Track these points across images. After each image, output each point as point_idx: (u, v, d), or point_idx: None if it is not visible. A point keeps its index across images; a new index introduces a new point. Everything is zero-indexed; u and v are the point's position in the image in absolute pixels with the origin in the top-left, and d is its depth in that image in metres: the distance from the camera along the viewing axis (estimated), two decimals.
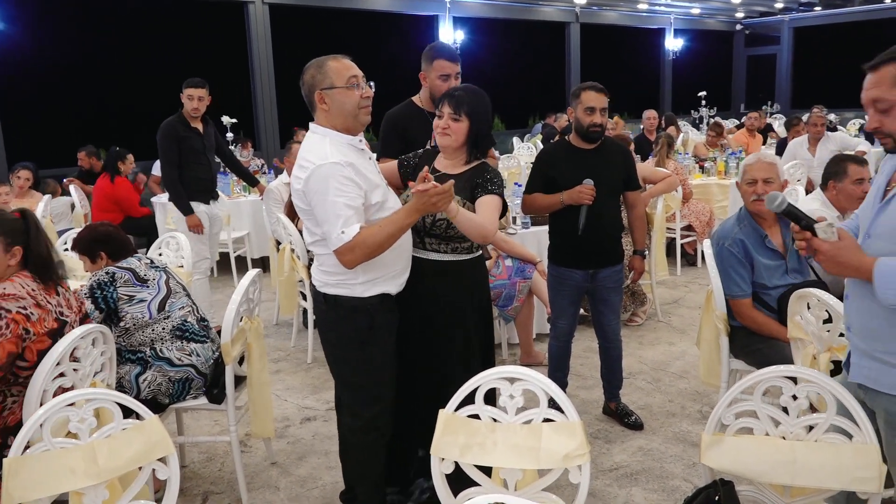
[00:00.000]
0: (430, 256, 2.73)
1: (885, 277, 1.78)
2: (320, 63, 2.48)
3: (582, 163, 3.46)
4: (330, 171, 2.36)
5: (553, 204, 3.48)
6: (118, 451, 1.93)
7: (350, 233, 2.34)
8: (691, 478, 3.26)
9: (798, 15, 18.25)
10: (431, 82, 3.28)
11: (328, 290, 2.58)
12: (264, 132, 10.47)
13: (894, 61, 1.84)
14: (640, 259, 3.85)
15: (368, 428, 2.67)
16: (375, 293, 2.56)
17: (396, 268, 2.61)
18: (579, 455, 1.89)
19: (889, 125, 1.86)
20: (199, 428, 3.97)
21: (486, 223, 2.58)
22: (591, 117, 3.41)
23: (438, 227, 2.66)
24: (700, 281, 6.49)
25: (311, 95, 2.49)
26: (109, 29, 10.61)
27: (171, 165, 5.16)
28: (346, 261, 2.40)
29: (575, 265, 3.56)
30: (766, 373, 1.97)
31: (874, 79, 1.86)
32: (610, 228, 3.58)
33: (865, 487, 1.79)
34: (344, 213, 2.35)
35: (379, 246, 2.39)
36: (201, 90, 5.17)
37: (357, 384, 2.66)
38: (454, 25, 12.87)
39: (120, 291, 3.03)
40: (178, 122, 5.16)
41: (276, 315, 5.78)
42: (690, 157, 8.21)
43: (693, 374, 4.36)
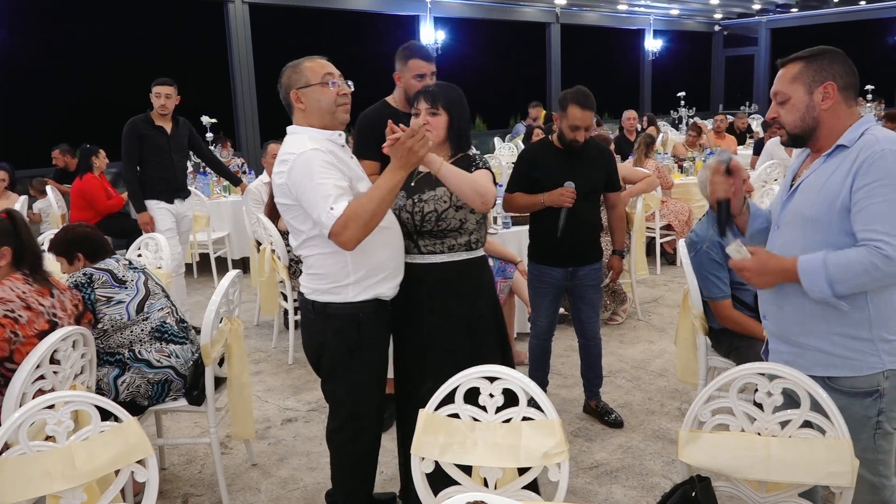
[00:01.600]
0: (427, 260, 2.63)
1: (809, 275, 1.88)
2: (296, 64, 2.48)
3: (563, 163, 3.49)
4: (312, 156, 2.33)
5: (534, 204, 3.51)
6: (96, 454, 1.91)
7: (340, 207, 2.27)
8: (670, 474, 3.29)
9: (775, 16, 18.45)
10: (406, 82, 3.23)
11: (317, 298, 2.51)
12: (244, 132, 10.41)
13: (799, 61, 2.03)
14: (619, 258, 3.88)
15: (354, 439, 2.63)
16: (368, 297, 2.49)
17: (389, 268, 2.53)
18: (558, 453, 1.90)
19: (784, 116, 2.05)
20: (179, 430, 3.95)
21: (479, 178, 2.52)
22: (574, 134, 3.44)
23: (428, 220, 2.57)
24: (679, 280, 6.54)
25: (287, 97, 2.48)
26: (85, 27, 10.50)
27: (130, 162, 5.22)
28: (344, 240, 2.30)
29: (554, 263, 3.59)
30: (742, 370, 2.00)
31: (780, 74, 2.05)
32: (589, 228, 3.61)
33: (838, 482, 1.82)
34: (332, 192, 2.29)
35: (372, 214, 2.30)
36: (168, 88, 5.20)
37: (343, 396, 2.60)
38: (435, 26, 12.87)
39: (98, 293, 3.00)
40: (142, 121, 5.22)
41: (257, 316, 5.76)
42: (670, 157, 8.28)
43: (672, 372, 4.41)
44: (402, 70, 3.25)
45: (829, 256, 1.87)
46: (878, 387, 1.97)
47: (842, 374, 1.99)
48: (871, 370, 1.97)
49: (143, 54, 10.69)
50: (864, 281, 1.86)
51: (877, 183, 1.85)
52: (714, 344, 3.37)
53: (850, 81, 2.01)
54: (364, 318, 2.50)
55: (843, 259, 1.85)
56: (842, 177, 1.92)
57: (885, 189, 1.84)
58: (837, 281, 1.85)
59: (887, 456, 2.04)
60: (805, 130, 2.03)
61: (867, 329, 1.96)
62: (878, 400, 1.98)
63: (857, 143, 1.94)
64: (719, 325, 3.31)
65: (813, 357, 2.03)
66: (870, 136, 1.93)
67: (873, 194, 1.85)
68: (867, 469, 1.99)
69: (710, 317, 3.32)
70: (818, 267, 1.86)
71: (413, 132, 2.30)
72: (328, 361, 2.58)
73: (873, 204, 1.85)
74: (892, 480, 2.06)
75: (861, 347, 1.97)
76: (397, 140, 2.31)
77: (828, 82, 1.98)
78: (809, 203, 2.00)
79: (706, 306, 3.31)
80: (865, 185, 1.86)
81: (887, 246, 1.80)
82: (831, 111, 1.99)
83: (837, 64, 2.00)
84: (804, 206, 2.01)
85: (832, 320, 1.98)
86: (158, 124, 5.25)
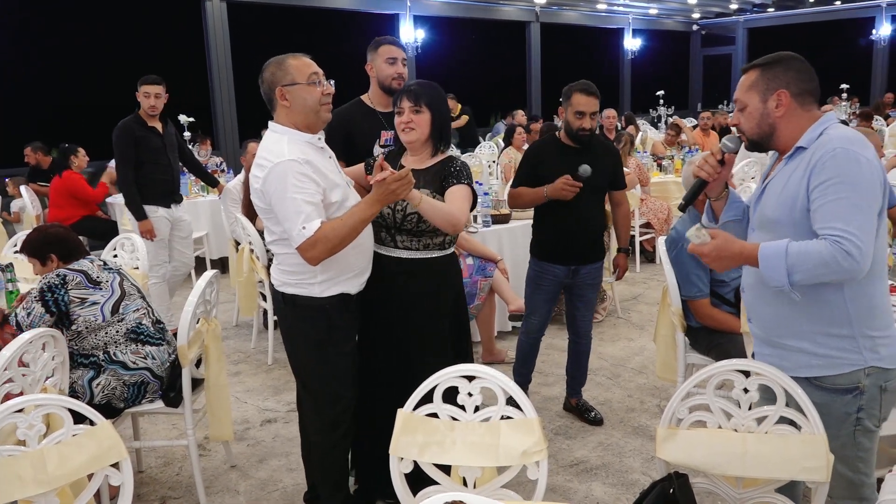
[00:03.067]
0: (401, 255, 2.70)
1: (769, 260, 1.89)
2: (280, 60, 2.47)
3: (569, 159, 3.47)
4: (287, 168, 2.35)
5: (537, 198, 3.50)
6: (68, 458, 1.88)
7: (311, 228, 2.32)
8: (650, 471, 3.30)
9: (752, 16, 18.65)
10: (378, 68, 3.24)
11: (286, 290, 2.58)
12: (223, 131, 10.33)
13: (755, 69, 2.09)
14: (625, 257, 3.88)
15: (328, 428, 2.67)
16: (334, 293, 2.55)
17: (357, 267, 2.59)
18: (537, 452, 1.90)
19: (743, 123, 2.11)
20: (157, 432, 3.90)
21: (455, 210, 2.56)
22: (580, 121, 3.42)
23: (409, 221, 2.62)
24: (658, 278, 6.58)
25: (271, 93, 2.48)
26: (58, 24, 10.35)
27: (127, 167, 4.96)
28: (310, 257, 2.37)
29: (557, 261, 3.58)
30: (719, 367, 2.02)
31: (739, 82, 2.12)
32: (593, 226, 3.60)
33: (813, 477, 1.84)
34: (304, 209, 2.34)
35: (342, 240, 2.37)
36: (158, 87, 4.99)
37: (316, 384, 2.65)
38: (415, 24, 12.85)
39: (72, 294, 2.96)
40: (135, 122, 4.98)
41: (236, 316, 5.71)
42: (649, 156, 8.33)
43: (651, 369, 4.43)
44: (374, 58, 3.26)
45: (792, 245, 1.88)
46: (859, 384, 1.98)
47: (825, 374, 2.00)
48: (852, 367, 1.98)
49: (119, 52, 10.56)
50: (821, 272, 1.87)
51: (830, 182, 1.88)
52: (692, 341, 3.39)
53: (805, 87, 2.05)
54: (332, 309, 2.56)
55: (803, 248, 1.86)
56: (799, 178, 1.96)
57: (838, 187, 1.87)
58: (796, 269, 1.86)
59: (867, 454, 2.04)
60: (762, 136, 2.09)
61: (848, 326, 1.98)
62: (859, 397, 1.98)
63: (815, 143, 1.98)
64: (698, 322, 3.33)
65: (796, 359, 2.04)
66: (825, 136, 1.97)
67: (827, 193, 1.88)
68: (847, 466, 2.00)
69: (689, 314, 3.34)
70: (779, 253, 1.87)
71: (400, 177, 2.35)
72: (299, 350, 2.65)
73: (829, 202, 1.88)
74: (871, 478, 2.07)
75: (843, 345, 1.99)
76: (383, 179, 2.34)
77: (780, 90, 2.03)
78: (772, 206, 2.04)
79: (683, 304, 3.33)
80: (820, 183, 1.90)
81: (847, 242, 1.83)
82: (786, 117, 2.04)
83: (792, 71, 2.05)
84: (768, 208, 2.06)
85: (815, 320, 2.00)
86: (151, 125, 5.03)
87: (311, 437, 2.76)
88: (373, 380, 2.80)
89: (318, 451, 2.75)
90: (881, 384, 1.99)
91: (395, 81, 3.27)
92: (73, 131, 9.13)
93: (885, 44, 16.61)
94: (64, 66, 10.42)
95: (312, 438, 2.76)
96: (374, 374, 2.80)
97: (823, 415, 1.90)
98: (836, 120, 2.05)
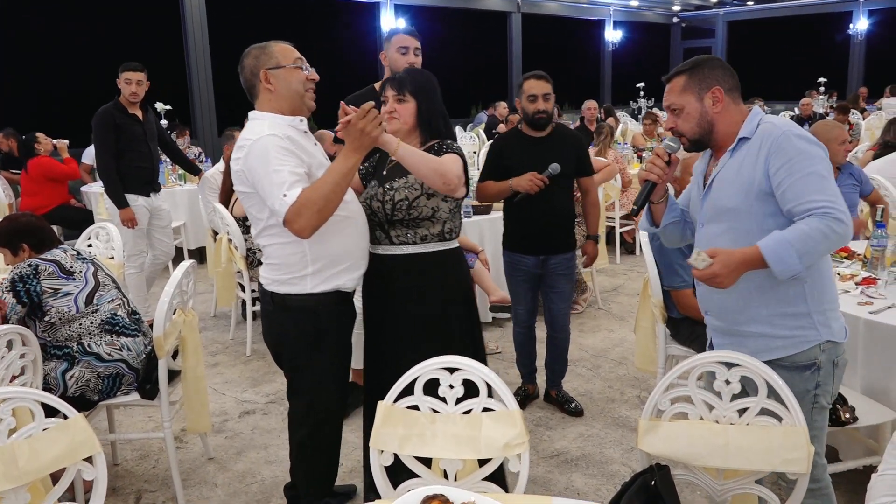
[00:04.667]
0: (400, 251, 2.56)
1: (777, 254, 1.90)
2: (263, 45, 2.42)
3: (533, 150, 3.48)
4: (268, 142, 2.27)
5: (503, 190, 3.51)
6: (40, 452, 1.83)
7: (292, 195, 2.21)
8: (630, 462, 3.31)
9: (732, 9, 18.76)
10: (391, 57, 3.28)
11: (276, 289, 2.45)
12: (201, 120, 10.18)
13: (682, 74, 2.15)
14: (594, 244, 3.88)
15: (317, 428, 2.59)
16: (328, 289, 2.44)
17: (349, 258, 2.48)
18: (519, 444, 1.89)
19: (681, 125, 2.17)
20: (133, 424, 3.85)
21: (443, 160, 2.45)
22: (534, 105, 3.45)
23: (400, 209, 2.51)
24: (639, 269, 6.61)
25: (254, 78, 2.40)
26: (31, 10, 10.14)
27: (107, 155, 4.88)
28: (298, 227, 2.24)
29: (526, 251, 3.58)
30: (700, 358, 2.01)
31: (668, 88, 2.18)
32: (562, 215, 3.60)
33: (794, 468, 1.84)
34: (288, 178, 2.23)
35: (326, 200, 2.25)
36: (139, 74, 4.91)
37: (308, 385, 2.55)
38: (395, 13, 12.75)
39: (44, 284, 2.90)
40: (115, 110, 4.89)
41: (214, 307, 5.65)
42: (629, 148, 8.35)
43: (632, 360, 4.44)
44: (387, 48, 3.33)
45: (788, 233, 1.91)
46: (816, 359, 2.06)
47: (784, 355, 2.07)
48: (809, 344, 2.06)
49: (94, 39, 10.37)
50: (824, 248, 1.92)
51: (791, 161, 1.96)
52: (673, 332, 3.40)
53: (733, 83, 2.14)
54: (324, 309, 2.45)
55: (801, 232, 1.90)
56: (751, 164, 2.04)
57: (801, 164, 1.95)
58: (804, 252, 1.89)
59: (820, 432, 2.12)
60: (703, 135, 2.15)
61: (804, 303, 2.05)
62: (816, 373, 2.07)
63: (756, 133, 2.06)
64: (679, 313, 3.34)
65: (755, 343, 2.10)
66: (767, 124, 2.06)
67: (793, 171, 1.96)
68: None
69: (670, 306, 3.35)
70: (784, 244, 1.89)
71: (363, 113, 2.25)
72: (289, 353, 2.54)
73: (797, 180, 1.95)
74: (822, 458, 2.15)
75: (800, 323, 2.06)
76: (349, 122, 2.26)
77: (715, 87, 2.11)
78: (726, 195, 2.10)
79: (666, 295, 3.33)
80: (782, 165, 1.97)
81: (833, 210, 1.90)
82: (723, 113, 2.12)
83: (718, 69, 2.13)
84: (721, 199, 2.12)
85: (771, 303, 2.07)
86: (131, 112, 4.96)
87: (299, 437, 2.64)
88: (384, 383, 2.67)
89: (306, 449, 2.65)
90: (834, 359, 2.09)
91: None
92: (48, 119, 8.96)
93: (861, 38, 16.79)
94: (37, 53, 10.23)
95: (300, 438, 2.64)
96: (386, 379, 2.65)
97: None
98: (762, 113, 2.14)
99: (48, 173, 6.70)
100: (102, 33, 10.46)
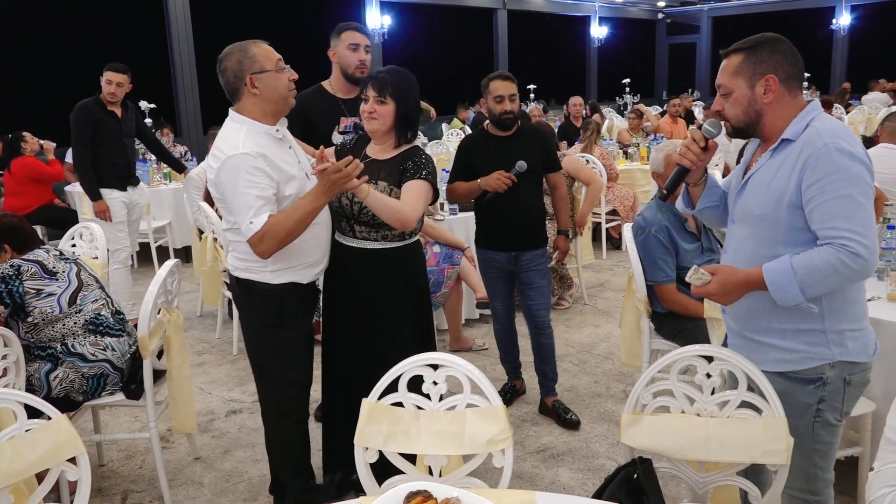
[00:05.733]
0: (359, 245, 2.68)
1: (778, 283, 1.85)
2: (243, 47, 2.42)
3: (500, 149, 3.49)
4: (240, 162, 2.33)
5: (472, 190, 3.52)
6: (22, 454, 1.83)
7: (258, 223, 2.33)
8: (616, 456, 3.34)
9: (716, 5, 18.86)
10: (341, 54, 3.22)
11: (240, 275, 2.59)
12: (185, 118, 10.12)
13: (739, 52, 1.98)
14: (564, 239, 3.90)
15: (282, 414, 2.69)
16: (285, 281, 2.55)
17: (309, 259, 2.59)
18: (503, 439, 1.90)
19: (728, 110, 2.01)
20: (118, 425, 3.83)
21: (404, 207, 2.52)
22: (500, 105, 3.45)
23: (366, 213, 2.58)
24: (625, 264, 6.64)
25: (237, 82, 2.43)
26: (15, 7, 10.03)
27: (83, 147, 4.98)
28: (260, 251, 2.39)
29: (497, 248, 3.60)
30: (682, 352, 2.03)
31: (722, 66, 2.02)
32: (532, 212, 3.60)
33: (774, 460, 1.86)
34: (255, 203, 2.34)
35: (288, 233, 2.37)
36: (121, 76, 4.98)
37: (268, 368, 2.67)
38: (381, 10, 12.73)
39: (27, 285, 2.88)
40: (94, 104, 4.99)
41: (200, 306, 5.63)
42: (615, 144, 8.39)
43: (618, 355, 4.46)
44: (337, 44, 3.24)
45: (796, 261, 1.83)
46: (823, 375, 1.97)
47: (792, 369, 1.99)
48: (818, 362, 1.97)
49: (78, 37, 10.28)
50: (834, 281, 1.84)
51: (826, 179, 1.82)
52: (657, 327, 3.42)
53: (792, 71, 1.96)
54: (284, 294, 2.56)
55: (809, 262, 1.82)
56: (787, 173, 1.90)
57: (835, 184, 1.81)
58: (808, 285, 1.82)
59: (827, 448, 2.03)
60: (749, 124, 2.00)
61: (820, 321, 1.95)
62: (821, 388, 1.97)
63: (801, 136, 1.91)
64: (663, 308, 3.36)
65: (765, 353, 2.02)
66: (812, 129, 1.90)
67: (825, 191, 1.82)
68: (803, 457, 1.99)
69: (654, 300, 3.38)
70: (787, 274, 1.83)
71: (339, 168, 2.30)
72: (253, 332, 2.65)
73: (827, 201, 1.82)
74: (827, 472, 2.05)
75: (812, 340, 1.96)
76: (324, 170, 2.31)
77: (768, 75, 1.94)
78: (757, 200, 1.98)
79: (650, 290, 3.36)
80: (815, 182, 1.83)
81: (852, 242, 1.79)
82: (774, 104, 1.96)
83: (778, 54, 1.95)
84: (752, 203, 2.00)
85: (785, 317, 1.97)
86: (110, 109, 5.04)
87: (266, 425, 2.78)
88: (335, 372, 2.79)
89: (274, 438, 2.78)
90: (845, 377, 1.97)
91: (357, 70, 3.23)
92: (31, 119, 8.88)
93: (844, 34, 16.92)
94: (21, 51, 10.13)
95: (267, 426, 2.78)
96: (336, 367, 2.79)
97: (785, 404, 1.91)
98: (821, 109, 1.98)
99: (32, 174, 6.66)
100: (86, 31, 10.37)
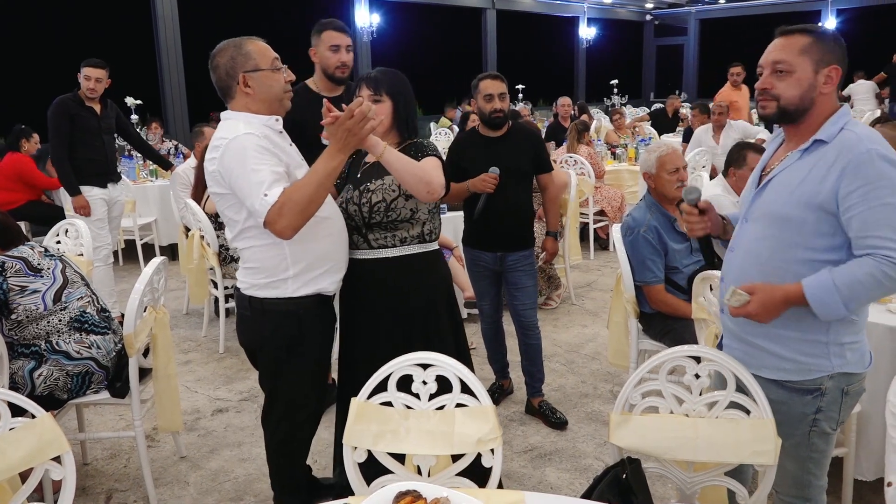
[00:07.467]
0: (378, 255, 2.51)
1: (818, 300, 1.80)
2: (238, 44, 2.30)
3: (490, 150, 3.48)
4: (245, 141, 2.19)
5: (461, 192, 3.51)
6: (5, 453, 1.80)
7: (274, 194, 2.13)
8: (603, 456, 3.34)
9: (704, 7, 18.98)
10: (321, 56, 3.19)
11: (255, 293, 2.38)
12: (172, 114, 10.04)
13: (807, 34, 1.87)
14: (553, 240, 3.89)
15: (291, 434, 2.56)
16: (310, 292, 2.38)
17: (331, 259, 2.42)
18: (492, 439, 1.90)
19: (782, 89, 1.89)
20: (103, 423, 3.80)
21: (426, 166, 2.38)
22: (490, 104, 3.44)
23: (377, 212, 2.46)
24: (612, 265, 6.66)
25: (230, 80, 2.30)
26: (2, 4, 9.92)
27: (60, 143, 4.93)
28: (280, 228, 2.16)
29: (484, 247, 3.60)
30: (671, 353, 2.03)
31: (782, 42, 1.90)
32: (519, 213, 3.59)
33: (762, 460, 1.87)
34: (267, 178, 2.15)
35: (310, 200, 2.16)
36: (99, 71, 4.93)
37: (282, 393, 2.50)
38: (370, 9, 12.70)
39: (11, 282, 2.84)
40: (72, 100, 4.95)
41: (187, 304, 5.59)
42: (603, 144, 8.43)
43: (605, 355, 4.48)
44: (317, 44, 3.21)
45: (837, 275, 1.79)
46: (821, 386, 1.94)
47: (790, 378, 1.96)
48: (817, 374, 1.94)
49: (65, 32, 10.18)
50: (877, 294, 1.80)
51: (869, 186, 1.75)
52: (645, 327, 3.43)
53: (845, 71, 1.90)
54: (305, 314, 2.39)
55: (851, 276, 1.78)
56: (821, 175, 1.83)
57: (879, 192, 1.75)
58: (851, 299, 1.78)
59: (821, 456, 2.01)
60: (799, 110, 1.89)
61: (825, 333, 1.92)
62: (819, 398, 1.95)
63: (836, 139, 1.83)
64: (651, 308, 3.37)
65: (763, 359, 2.00)
66: (850, 133, 1.83)
67: (868, 198, 1.75)
68: (797, 464, 1.99)
69: (642, 301, 3.39)
70: (829, 290, 1.79)
71: (351, 112, 2.15)
72: (266, 359, 2.48)
73: (870, 209, 1.76)
74: (821, 480, 2.04)
75: (814, 351, 1.93)
76: (335, 120, 2.18)
77: (834, 66, 1.86)
78: (782, 201, 1.90)
79: (638, 290, 3.37)
80: (857, 188, 1.77)
81: (895, 252, 1.74)
82: (826, 97, 1.88)
83: (840, 50, 1.88)
84: (776, 203, 1.92)
85: (794, 326, 1.93)
86: (88, 105, 4.99)
87: (273, 443, 2.60)
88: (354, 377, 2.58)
89: (279, 457, 2.62)
90: (843, 387, 1.95)
91: (338, 70, 3.21)
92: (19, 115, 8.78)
93: None
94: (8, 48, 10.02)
95: (274, 444, 2.60)
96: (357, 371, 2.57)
97: (780, 413, 1.90)
98: (850, 115, 1.93)
99: (23, 175, 6.55)
100: (72, 27, 10.28)
